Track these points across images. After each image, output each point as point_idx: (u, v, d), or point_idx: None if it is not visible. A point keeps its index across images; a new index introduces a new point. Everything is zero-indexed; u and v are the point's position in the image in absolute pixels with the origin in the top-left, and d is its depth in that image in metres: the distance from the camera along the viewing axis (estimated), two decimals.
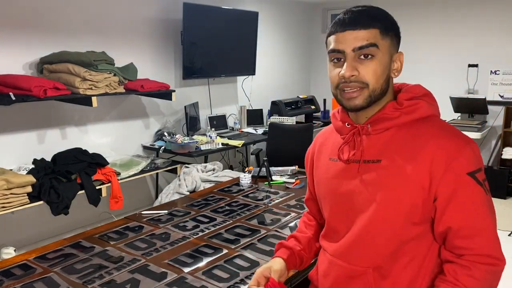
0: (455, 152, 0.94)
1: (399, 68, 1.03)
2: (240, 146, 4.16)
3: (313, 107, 5.49)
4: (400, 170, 0.98)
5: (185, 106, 4.22)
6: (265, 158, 2.82)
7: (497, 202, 4.44)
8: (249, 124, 5.01)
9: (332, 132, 1.18)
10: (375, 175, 1.01)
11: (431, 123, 1.01)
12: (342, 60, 0.99)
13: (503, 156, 4.60)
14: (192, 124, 4.27)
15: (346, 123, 1.09)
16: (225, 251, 1.80)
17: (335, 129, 1.15)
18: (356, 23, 0.96)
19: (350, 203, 1.06)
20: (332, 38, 1.00)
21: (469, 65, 4.94)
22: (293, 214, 2.15)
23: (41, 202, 2.81)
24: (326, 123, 5.15)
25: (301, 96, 5.54)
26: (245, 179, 2.72)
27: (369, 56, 0.97)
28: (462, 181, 0.93)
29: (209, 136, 4.14)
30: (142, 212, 2.28)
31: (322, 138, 1.23)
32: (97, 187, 3.10)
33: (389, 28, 0.99)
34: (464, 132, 0.94)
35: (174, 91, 3.75)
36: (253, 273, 1.61)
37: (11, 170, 2.94)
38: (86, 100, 3.11)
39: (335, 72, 1.00)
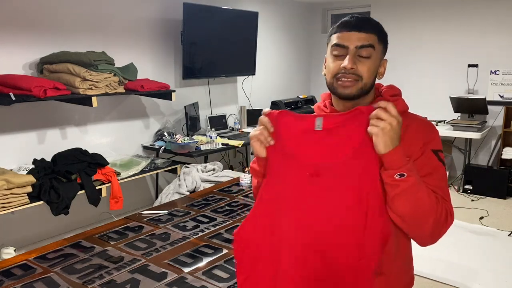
0: (430, 134, 1.20)
1: (383, 72, 1.24)
2: (240, 146, 4.16)
3: (313, 107, 5.48)
4: None
5: (185, 106, 4.22)
6: None
7: (497, 202, 4.44)
8: (249, 124, 5.01)
9: None
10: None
11: (407, 115, 1.24)
12: (343, 55, 1.16)
13: (503, 156, 4.59)
14: (192, 124, 4.27)
15: None
16: (225, 251, 1.80)
17: None
18: (361, 26, 1.16)
19: None
20: (337, 35, 1.18)
21: (469, 65, 4.93)
22: None
23: (41, 202, 2.81)
24: None
25: (301, 96, 5.55)
26: (245, 179, 2.72)
27: (367, 56, 1.15)
28: (432, 156, 1.18)
29: (209, 136, 4.14)
30: (142, 212, 2.28)
31: None
32: (97, 187, 3.10)
33: (383, 37, 1.20)
34: (464, 132, 1.01)
35: (174, 91, 3.75)
36: None
37: (11, 170, 2.94)
38: (86, 100, 3.11)
39: (335, 64, 1.17)
